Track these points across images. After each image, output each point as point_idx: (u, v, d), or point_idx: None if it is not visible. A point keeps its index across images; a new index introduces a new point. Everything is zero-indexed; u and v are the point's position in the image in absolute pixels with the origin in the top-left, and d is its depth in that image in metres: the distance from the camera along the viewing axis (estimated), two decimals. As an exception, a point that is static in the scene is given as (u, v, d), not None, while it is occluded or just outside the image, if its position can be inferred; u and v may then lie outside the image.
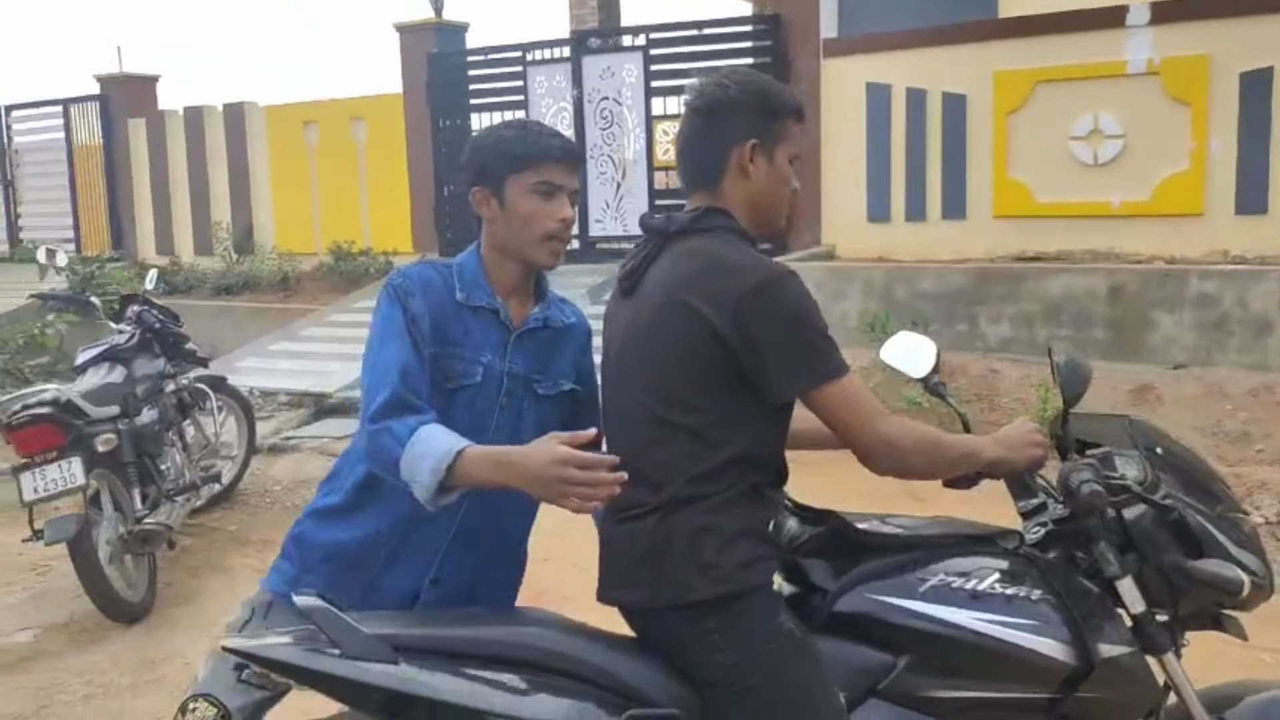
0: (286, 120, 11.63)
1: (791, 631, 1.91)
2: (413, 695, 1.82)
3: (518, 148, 2.09)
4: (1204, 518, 2.08)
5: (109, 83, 12.80)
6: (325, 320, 9.50)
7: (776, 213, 2.09)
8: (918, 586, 1.98)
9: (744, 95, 2.03)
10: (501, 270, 2.13)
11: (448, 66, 10.61)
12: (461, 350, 2.07)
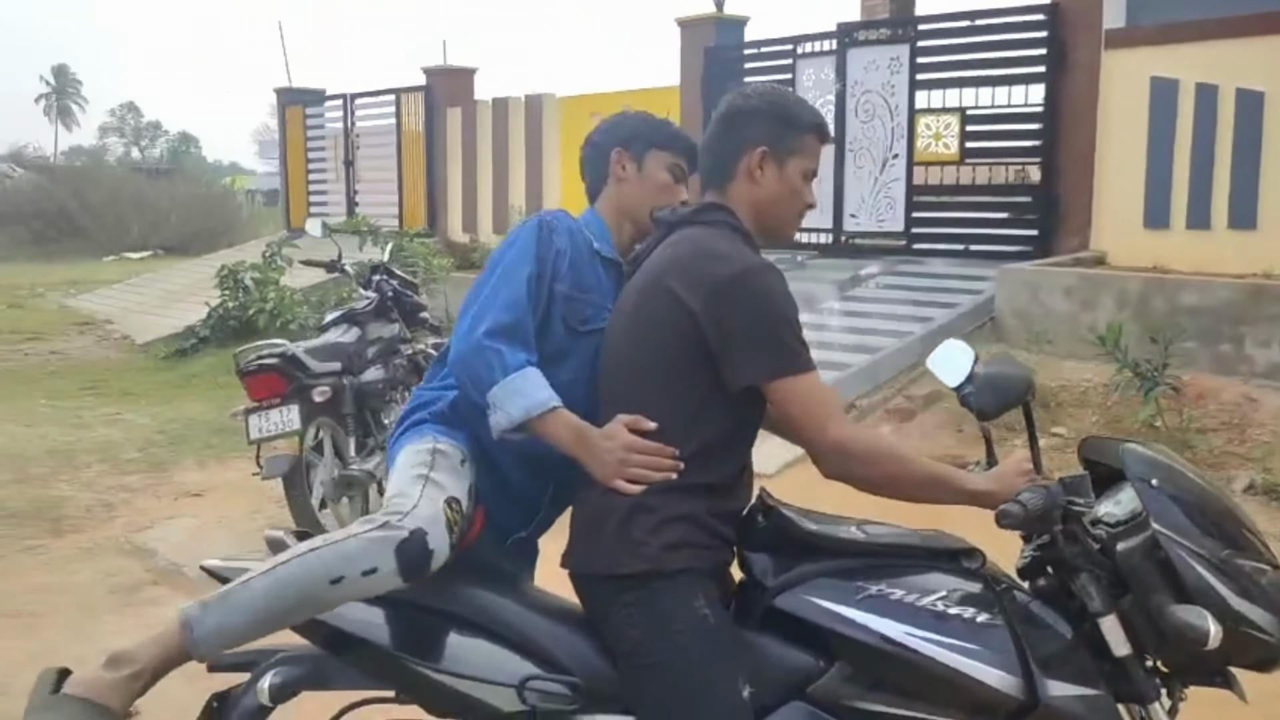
0: (576, 111, 12.29)
1: (706, 618, 1.95)
2: (346, 632, 2.05)
3: (669, 132, 2.41)
4: (1199, 560, 1.92)
5: (433, 74, 14.06)
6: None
7: (782, 221, 2.17)
8: (856, 594, 1.96)
9: (762, 104, 2.14)
10: (620, 230, 2.38)
11: (722, 60, 10.84)
12: (594, 296, 2.26)
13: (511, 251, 2.20)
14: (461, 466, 2.17)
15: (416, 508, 2.01)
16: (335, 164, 15.51)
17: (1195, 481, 2.07)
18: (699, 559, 1.99)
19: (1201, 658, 1.93)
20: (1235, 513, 2.07)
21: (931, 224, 9.46)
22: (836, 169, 9.76)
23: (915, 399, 6.98)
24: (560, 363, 2.19)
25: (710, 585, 2.00)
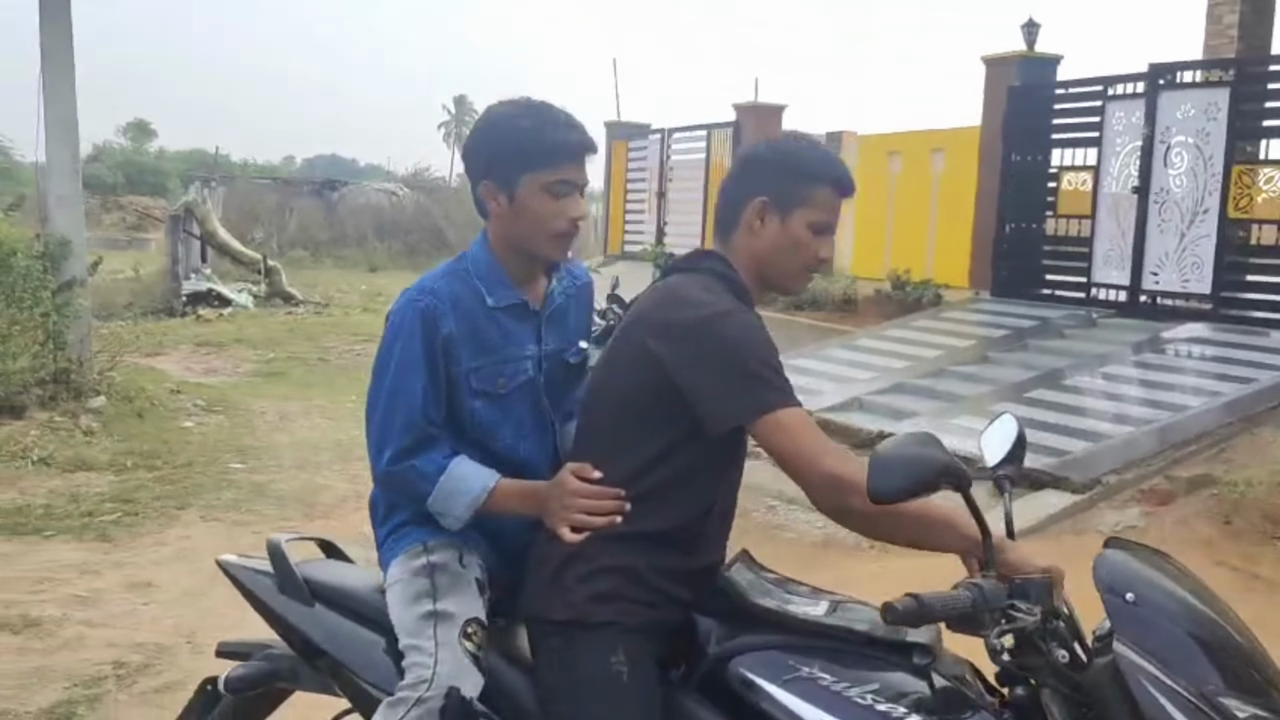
0: (875, 150, 12.05)
1: (619, 675, 1.91)
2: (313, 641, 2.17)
3: (534, 143, 2.03)
4: (1166, 693, 1.64)
5: (743, 110, 14.28)
6: (852, 344, 9.76)
7: (783, 274, 2.11)
8: (787, 673, 1.87)
9: (770, 154, 2.11)
10: (515, 263, 2.13)
11: (1027, 100, 10.23)
12: (505, 353, 2.10)
13: (396, 359, 2.05)
14: (463, 567, 2.09)
15: (437, 668, 1.97)
16: (650, 195, 16.11)
17: (1188, 601, 1.77)
18: (627, 614, 1.95)
19: None
20: (1237, 643, 1.74)
21: (1245, 288, 8.41)
22: (1139, 221, 8.94)
23: (1177, 480, 6.21)
24: (495, 431, 2.11)
25: (638, 642, 1.95)
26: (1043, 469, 6.26)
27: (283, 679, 2.29)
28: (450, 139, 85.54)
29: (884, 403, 7.96)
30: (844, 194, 2.12)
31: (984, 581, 1.75)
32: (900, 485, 1.69)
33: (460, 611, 2.03)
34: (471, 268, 2.12)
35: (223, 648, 2.42)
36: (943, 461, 1.70)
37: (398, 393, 2.04)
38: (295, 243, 31.96)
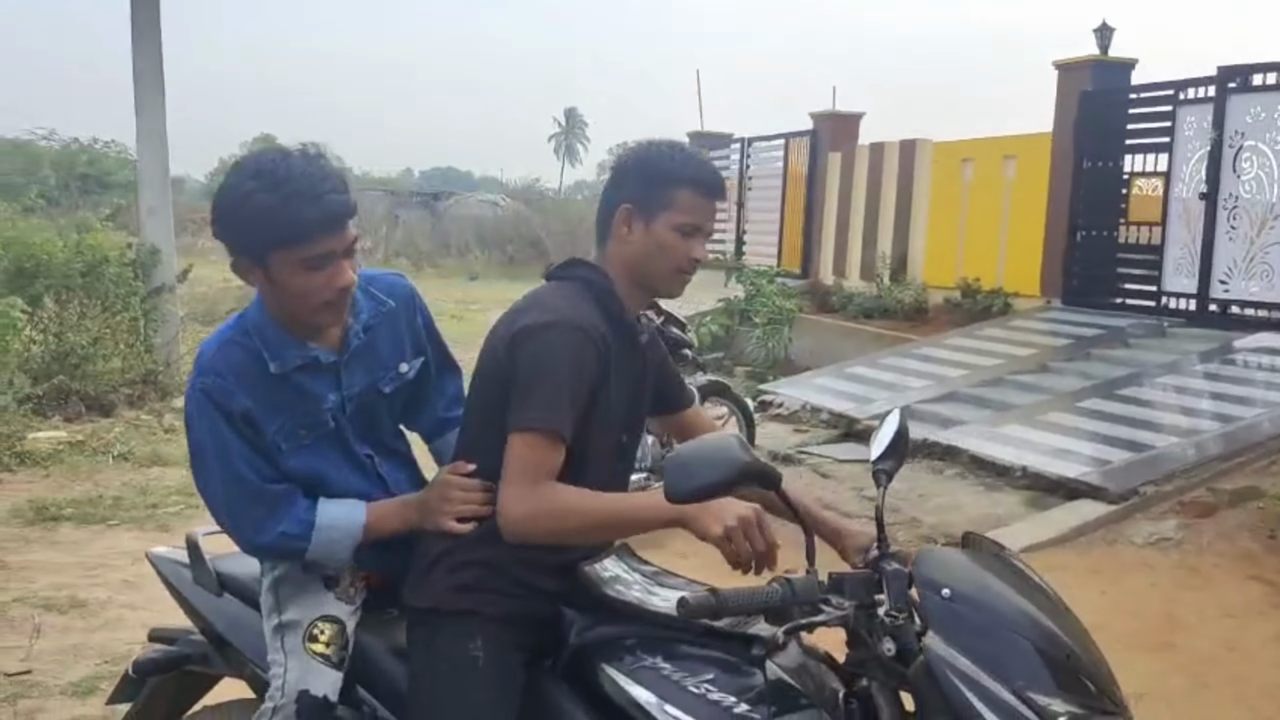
0: (948, 157, 11.92)
1: (475, 661, 1.99)
2: (218, 631, 2.31)
3: (277, 223, 1.87)
4: (974, 688, 1.67)
5: (820, 119, 14.25)
6: (911, 352, 9.69)
7: (657, 278, 2.11)
8: (634, 663, 1.94)
9: (631, 161, 2.13)
10: (295, 326, 2.02)
11: (1099, 105, 10.02)
12: (301, 409, 2.05)
13: (207, 440, 2.00)
14: (305, 572, 2.12)
15: (286, 675, 2.05)
16: (730, 205, 16.19)
17: (1011, 600, 1.77)
18: (487, 604, 2.01)
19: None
20: (1062, 642, 1.74)
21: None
22: (1206, 227, 8.69)
23: (1220, 493, 6.07)
24: (322, 480, 2.10)
25: (497, 630, 2.01)
26: (1079, 478, 6.18)
27: (194, 663, 2.40)
28: (560, 151, 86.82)
29: (933, 411, 7.91)
30: (708, 194, 2.11)
31: (795, 577, 1.78)
32: (695, 485, 1.75)
33: (303, 616, 2.08)
34: (253, 331, 2.02)
35: (153, 633, 2.55)
36: (743, 462, 1.75)
37: (230, 478, 2.01)
38: (400, 252, 32.91)
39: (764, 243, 15.27)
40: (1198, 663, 4.40)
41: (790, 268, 14.37)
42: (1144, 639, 4.61)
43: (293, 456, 2.05)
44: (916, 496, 6.63)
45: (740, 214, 15.91)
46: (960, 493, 6.59)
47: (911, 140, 12.51)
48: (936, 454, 7.18)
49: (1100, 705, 1.70)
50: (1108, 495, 5.96)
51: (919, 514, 6.30)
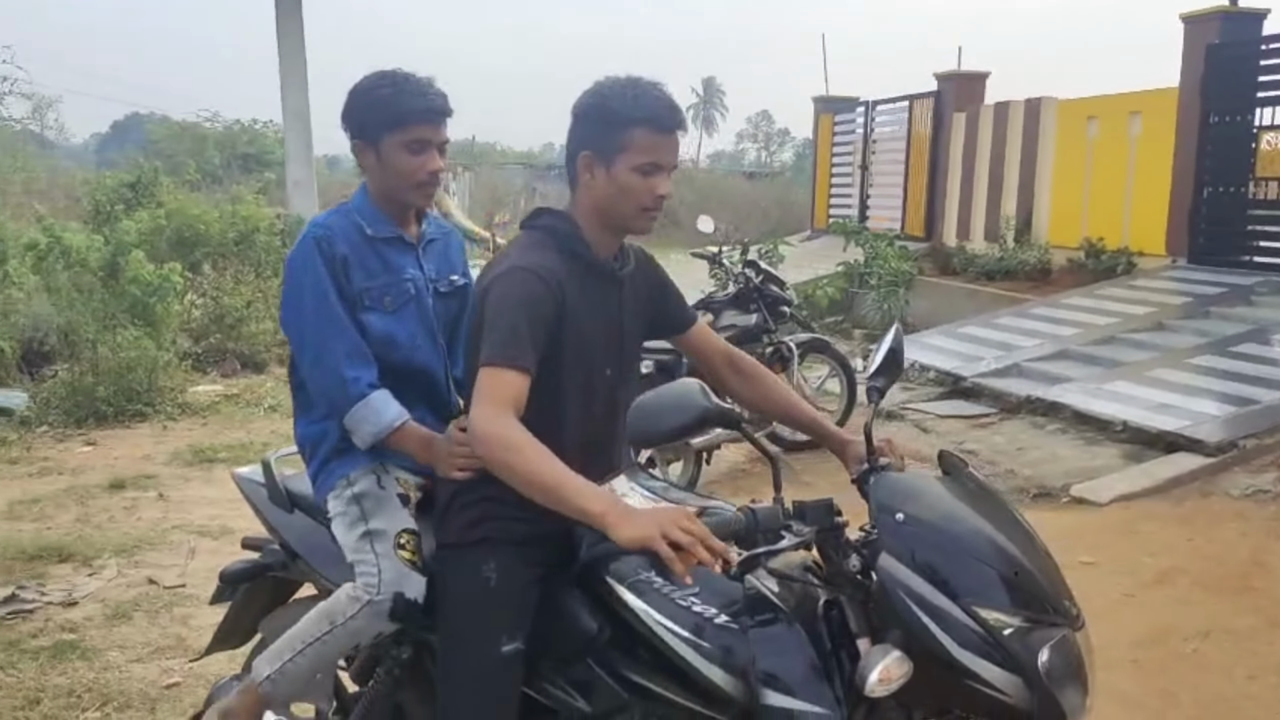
0: (1072, 115, 11.72)
1: (488, 581, 2.18)
2: (292, 547, 2.63)
3: (392, 108, 2.35)
4: (921, 604, 1.86)
5: (944, 79, 14.12)
6: (1027, 312, 9.67)
7: (624, 218, 2.19)
8: (631, 577, 2.09)
9: (585, 105, 2.19)
10: (389, 208, 2.46)
11: (1228, 57, 9.73)
12: (387, 277, 2.42)
13: (307, 279, 2.37)
14: (382, 488, 2.40)
15: (381, 576, 2.29)
16: (854, 169, 16.18)
17: (965, 521, 1.96)
18: (499, 531, 2.18)
19: (958, 699, 1.91)
20: (1014, 558, 1.92)
21: None
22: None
23: (1327, 449, 6.00)
24: (391, 342, 2.42)
25: (509, 552, 2.19)
26: (1178, 431, 6.20)
27: (275, 570, 2.73)
28: (698, 121, 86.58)
29: (1042, 369, 7.95)
30: (664, 129, 2.15)
31: (760, 506, 1.95)
32: (657, 431, 1.99)
33: (389, 527, 2.34)
34: (354, 210, 2.46)
35: (245, 541, 2.91)
36: (703, 407, 1.96)
37: (324, 315, 2.35)
38: (537, 224, 33.70)
39: (888, 206, 15.24)
40: (1273, 605, 4.46)
41: (914, 231, 14.34)
42: (1222, 582, 4.69)
43: (377, 317, 2.39)
44: (1015, 450, 6.74)
45: (864, 177, 15.89)
46: (1059, 447, 6.67)
47: (1036, 99, 12.32)
48: (1040, 410, 7.25)
49: (1047, 618, 1.88)
50: (1205, 448, 5.98)
51: (1015, 466, 6.42)
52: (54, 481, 6.50)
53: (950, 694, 1.90)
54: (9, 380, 8.59)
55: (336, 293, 2.36)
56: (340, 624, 2.33)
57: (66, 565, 5.08)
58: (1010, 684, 1.83)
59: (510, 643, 2.15)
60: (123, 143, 45.75)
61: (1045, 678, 1.83)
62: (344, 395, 2.34)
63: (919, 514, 1.94)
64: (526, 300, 2.08)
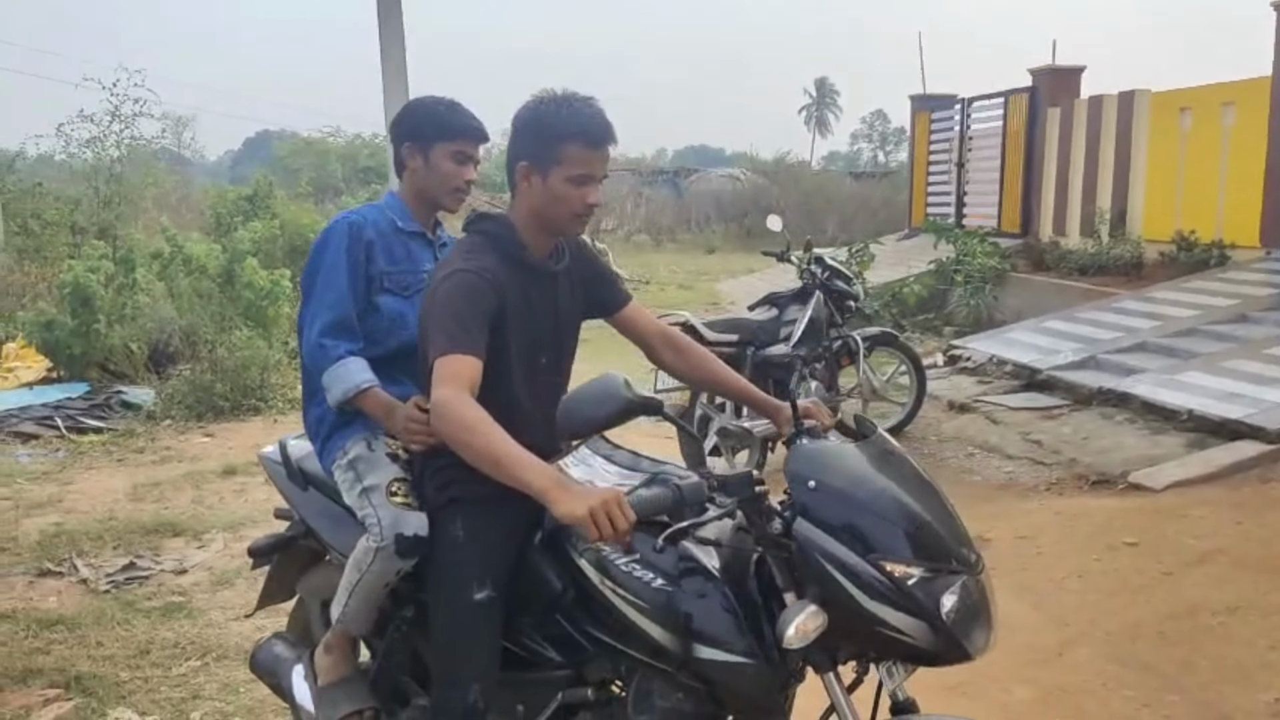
0: (1165, 107, 11.57)
1: (457, 539, 2.46)
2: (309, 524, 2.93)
3: (446, 122, 2.78)
4: (832, 561, 2.08)
5: (1039, 75, 14.02)
6: (1111, 305, 9.64)
7: (558, 223, 2.44)
8: (584, 545, 2.33)
9: (523, 119, 2.41)
10: (418, 209, 2.85)
11: (1321, 44, 9.53)
12: (408, 265, 2.80)
13: (327, 254, 2.72)
14: (371, 450, 2.70)
15: (381, 523, 2.57)
16: (950, 166, 16.13)
17: (869, 483, 2.18)
18: (464, 492, 2.43)
19: (870, 644, 2.15)
20: (918, 515, 2.14)
21: None
22: None
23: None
24: (403, 323, 2.74)
25: (475, 512, 2.44)
26: (1241, 419, 6.23)
27: (298, 540, 3.06)
28: (811, 122, 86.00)
29: (1118, 361, 7.97)
30: (595, 144, 2.35)
31: (685, 482, 2.13)
32: (582, 421, 2.23)
33: (380, 480, 2.62)
34: (387, 207, 2.85)
35: (276, 512, 3.23)
36: (625, 398, 2.19)
37: (328, 278, 2.70)
38: (643, 228, 34.23)
39: (984, 203, 15.17)
40: (1309, 584, 4.52)
41: (1010, 228, 14.27)
42: (1262, 562, 4.76)
43: (393, 299, 2.76)
44: (1080, 440, 6.84)
45: (960, 174, 15.84)
46: (1125, 436, 6.73)
47: (1129, 92, 12.18)
48: (1110, 401, 7.31)
49: (948, 566, 2.10)
50: (1266, 435, 6.00)
51: (1079, 455, 6.53)
52: (174, 468, 7.13)
53: (864, 639, 2.13)
54: (138, 378, 9.37)
55: (350, 273, 2.70)
56: (365, 571, 2.65)
57: (179, 539, 5.65)
58: (916, 628, 2.06)
59: (480, 591, 2.39)
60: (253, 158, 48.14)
61: (947, 620, 2.06)
62: (324, 358, 2.68)
63: (829, 480, 2.16)
64: (470, 297, 2.32)
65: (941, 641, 2.07)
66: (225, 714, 3.82)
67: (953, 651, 2.09)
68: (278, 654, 3.07)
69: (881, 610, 2.05)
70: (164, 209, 16.12)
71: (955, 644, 2.08)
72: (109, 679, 4.06)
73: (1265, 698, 3.67)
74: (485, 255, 2.41)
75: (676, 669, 2.27)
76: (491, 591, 2.40)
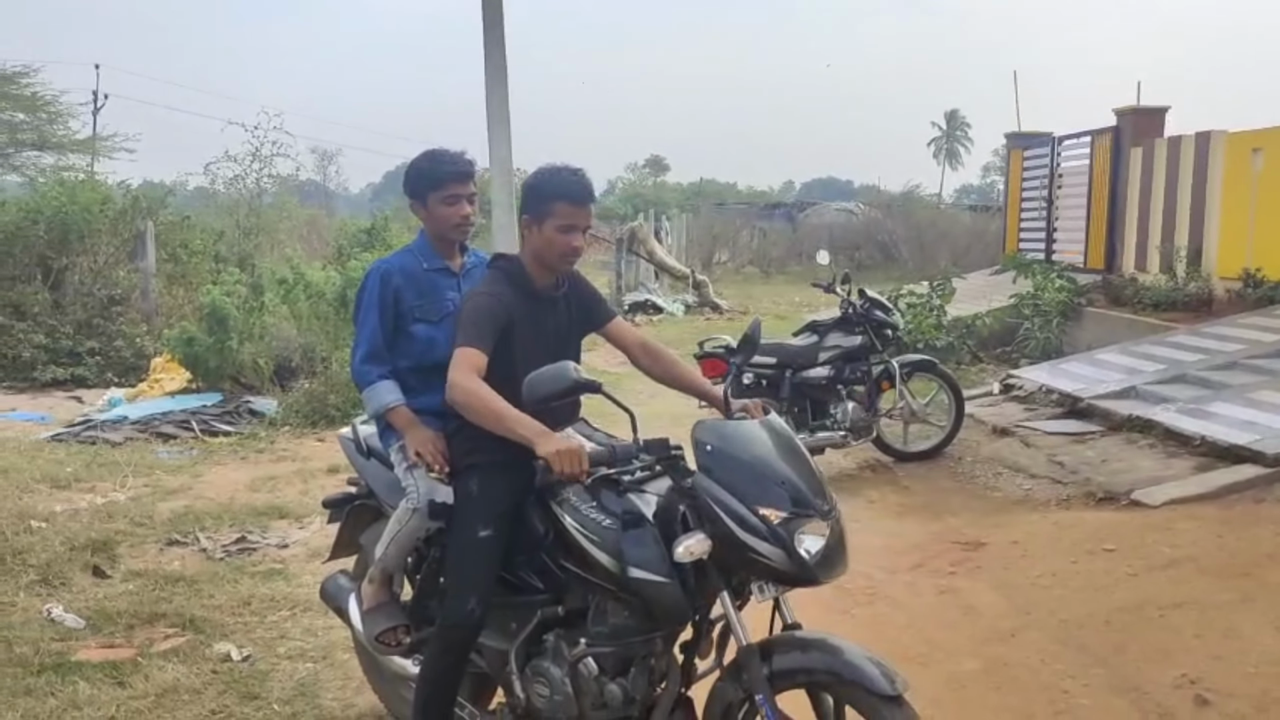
0: (1238, 147, 11.77)
1: (470, 491, 3.27)
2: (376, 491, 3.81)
3: (430, 175, 3.49)
4: (720, 505, 2.82)
5: (1123, 115, 14.29)
6: (1166, 340, 9.95)
7: (552, 261, 3.28)
8: (560, 498, 3.17)
9: (526, 187, 3.31)
10: (439, 246, 3.59)
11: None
12: (434, 297, 3.53)
13: (364, 297, 3.53)
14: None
15: (419, 489, 3.41)
16: (1040, 202, 16.44)
17: (753, 449, 2.92)
18: (480, 457, 3.26)
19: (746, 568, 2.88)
20: (783, 473, 2.88)
21: None
22: None
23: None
24: (435, 345, 3.45)
25: (488, 472, 3.25)
26: (1245, 444, 6.64)
27: (361, 499, 3.92)
28: (940, 155, 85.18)
29: (1155, 391, 8.35)
30: (577, 202, 3.20)
31: (618, 444, 3.05)
32: (539, 395, 2.98)
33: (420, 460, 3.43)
34: (415, 249, 3.63)
35: (349, 480, 4.08)
36: (572, 379, 2.96)
37: (365, 317, 3.50)
38: (753, 260, 34.95)
39: (1073, 239, 15.42)
40: (1258, 587, 4.98)
41: (1095, 264, 14.53)
42: (1224, 569, 5.22)
43: (425, 326, 3.51)
44: (1100, 462, 7.31)
45: (1050, 211, 16.13)
46: (1141, 459, 7.18)
47: (1206, 132, 12.42)
48: (1137, 427, 7.74)
49: (805, 511, 2.81)
50: (1265, 459, 6.40)
51: (1094, 474, 7.02)
52: (288, 466, 8.21)
53: (739, 563, 2.87)
54: (264, 390, 10.57)
55: (380, 313, 3.48)
56: (403, 526, 3.52)
57: (284, 521, 6.67)
58: (776, 554, 2.78)
59: (484, 530, 3.22)
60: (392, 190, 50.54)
61: (800, 549, 2.79)
62: (363, 379, 3.55)
63: (722, 446, 2.92)
64: (484, 312, 3.19)
65: (794, 565, 2.80)
66: (304, 650, 4.74)
67: (803, 573, 2.82)
68: (339, 585, 3.97)
69: (752, 540, 2.79)
70: (297, 240, 17.69)
71: (805, 568, 2.80)
72: (216, 622, 5.03)
73: (1174, 674, 4.21)
74: (501, 284, 3.28)
75: (619, 589, 3.03)
76: (493, 532, 3.23)
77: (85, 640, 4.82)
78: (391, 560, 3.63)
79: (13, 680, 4.37)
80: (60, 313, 12.78)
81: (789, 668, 2.87)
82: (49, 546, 5.94)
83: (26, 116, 22.19)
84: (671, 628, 3.10)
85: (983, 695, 4.22)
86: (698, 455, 2.93)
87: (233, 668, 4.55)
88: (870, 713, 2.75)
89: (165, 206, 15.55)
